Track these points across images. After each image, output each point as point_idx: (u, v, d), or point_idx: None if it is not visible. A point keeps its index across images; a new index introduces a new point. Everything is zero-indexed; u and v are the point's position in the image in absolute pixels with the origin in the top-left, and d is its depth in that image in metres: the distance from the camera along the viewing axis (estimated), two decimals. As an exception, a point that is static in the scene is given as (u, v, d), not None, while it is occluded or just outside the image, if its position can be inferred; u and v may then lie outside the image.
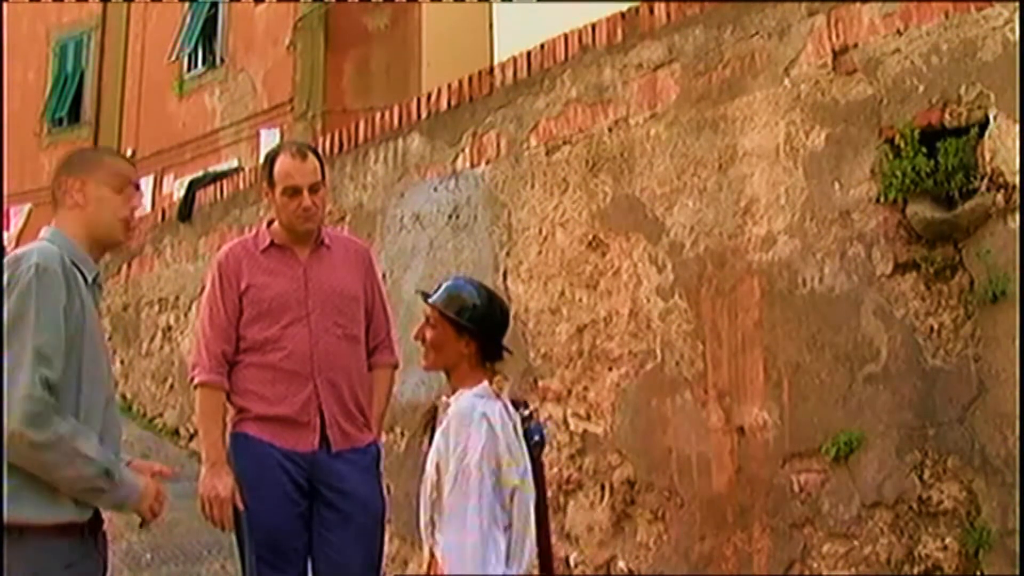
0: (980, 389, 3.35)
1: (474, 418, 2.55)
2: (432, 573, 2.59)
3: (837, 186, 3.75)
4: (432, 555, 2.61)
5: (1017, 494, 3.22)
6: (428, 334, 2.71)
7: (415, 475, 3.18)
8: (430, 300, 2.73)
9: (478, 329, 2.67)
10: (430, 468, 2.63)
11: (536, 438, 2.74)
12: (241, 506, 3.13)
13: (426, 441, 2.79)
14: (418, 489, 2.71)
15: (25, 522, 2.23)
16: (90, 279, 2.44)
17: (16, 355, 2.20)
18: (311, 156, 3.32)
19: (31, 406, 2.18)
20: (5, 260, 2.31)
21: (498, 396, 2.65)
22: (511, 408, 2.68)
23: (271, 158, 3.35)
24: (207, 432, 3.24)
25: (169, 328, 8.53)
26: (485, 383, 2.66)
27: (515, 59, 5.17)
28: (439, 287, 2.78)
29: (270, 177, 3.31)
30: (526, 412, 2.75)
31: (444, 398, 2.74)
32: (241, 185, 7.78)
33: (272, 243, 3.35)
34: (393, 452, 4.91)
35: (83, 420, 2.29)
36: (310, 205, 3.27)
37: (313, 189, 3.28)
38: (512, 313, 4.81)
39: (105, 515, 2.46)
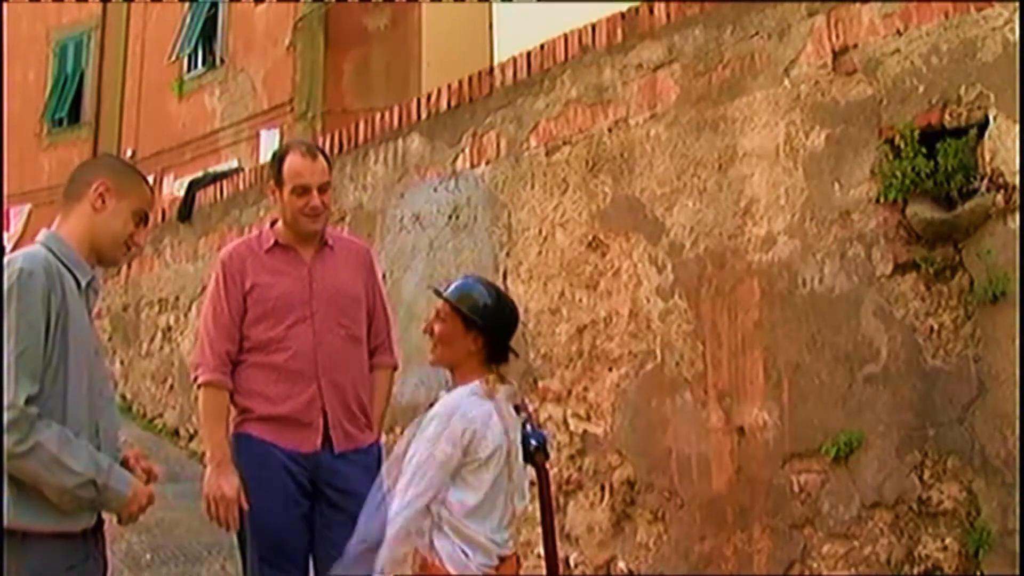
0: (980, 389, 3.35)
1: (452, 416, 2.57)
2: (424, 572, 2.58)
3: (837, 186, 3.75)
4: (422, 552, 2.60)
5: (1017, 494, 3.22)
6: (437, 328, 2.71)
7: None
8: (444, 295, 2.74)
9: (487, 327, 2.67)
10: (399, 450, 2.64)
11: (533, 443, 2.74)
12: (246, 506, 3.13)
13: None
14: None
15: (26, 528, 2.23)
16: (83, 283, 2.40)
17: None
18: (320, 156, 3.33)
19: (11, 415, 2.17)
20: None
21: (491, 397, 2.65)
22: (511, 410, 2.67)
23: (280, 156, 3.35)
24: (211, 432, 3.23)
25: (169, 328, 8.53)
26: (478, 382, 2.65)
27: (515, 59, 5.17)
28: (451, 284, 2.79)
29: (279, 175, 3.30)
30: (523, 417, 2.75)
31: (442, 393, 2.74)
32: (241, 186, 7.78)
33: (276, 243, 3.35)
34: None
35: (67, 422, 2.27)
36: (318, 204, 3.27)
37: (322, 189, 3.29)
38: (512, 313, 4.85)
39: (104, 515, 2.45)
